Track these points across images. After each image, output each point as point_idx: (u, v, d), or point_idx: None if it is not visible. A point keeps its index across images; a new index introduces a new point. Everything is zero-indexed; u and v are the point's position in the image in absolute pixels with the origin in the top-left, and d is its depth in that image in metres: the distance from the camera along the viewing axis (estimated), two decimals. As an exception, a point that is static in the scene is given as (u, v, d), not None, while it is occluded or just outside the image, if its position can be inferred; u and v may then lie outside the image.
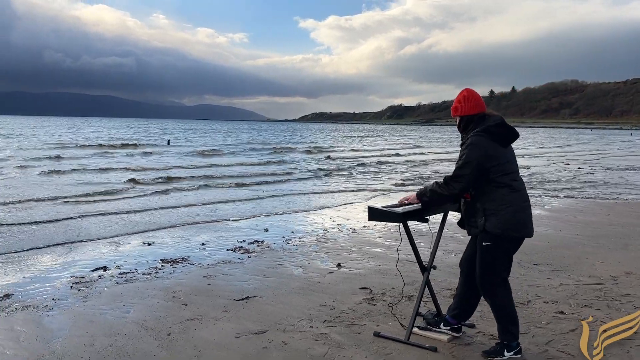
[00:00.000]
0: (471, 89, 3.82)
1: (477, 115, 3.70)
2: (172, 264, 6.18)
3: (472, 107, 3.72)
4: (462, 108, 3.75)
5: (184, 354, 3.75)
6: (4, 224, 8.39)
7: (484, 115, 3.71)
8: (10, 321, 4.38)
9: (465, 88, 3.83)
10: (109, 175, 16.44)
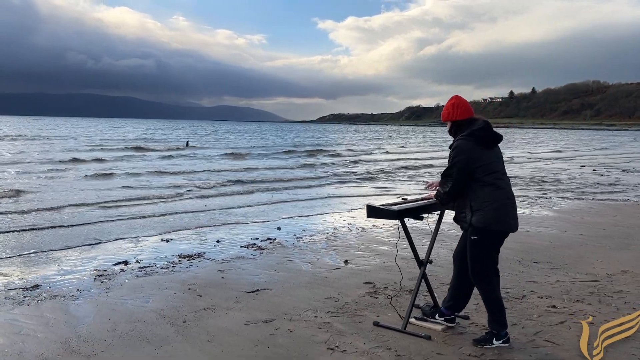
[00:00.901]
0: (460, 96, 4.12)
1: (466, 120, 4.00)
2: (188, 259, 6.55)
3: (461, 113, 4.02)
4: (452, 114, 4.06)
5: (197, 339, 4.10)
6: (34, 226, 8.85)
7: (471, 119, 4.01)
8: (40, 309, 4.78)
9: (454, 95, 4.13)
10: (161, 180, 16.42)
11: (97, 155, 25.16)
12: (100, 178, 16.28)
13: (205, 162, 24.25)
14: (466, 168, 3.83)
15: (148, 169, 19.43)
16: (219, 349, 3.92)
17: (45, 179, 15.68)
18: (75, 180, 15.66)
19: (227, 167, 21.18)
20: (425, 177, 19.19)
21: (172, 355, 3.81)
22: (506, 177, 4.01)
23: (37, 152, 26.69)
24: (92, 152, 27.71)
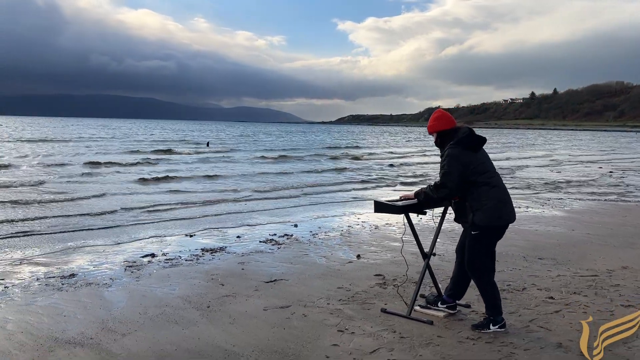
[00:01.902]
0: (442, 110, 4.58)
1: (450, 130, 4.39)
2: (211, 253, 7.00)
3: (445, 124, 4.43)
4: (436, 125, 4.46)
5: (220, 321, 4.53)
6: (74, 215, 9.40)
7: (455, 129, 4.40)
8: (77, 294, 5.25)
9: (438, 109, 4.61)
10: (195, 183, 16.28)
11: (145, 158, 25.47)
12: (152, 182, 16.23)
13: (248, 165, 23.93)
14: (460, 174, 4.20)
15: (197, 173, 19.28)
16: (239, 329, 4.34)
17: (86, 177, 16.35)
18: (126, 182, 16.05)
19: (266, 170, 21.00)
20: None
21: (198, 334, 4.24)
22: (497, 174, 4.38)
23: (79, 153, 27.24)
24: (138, 155, 27.97)
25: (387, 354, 3.88)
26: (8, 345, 4.00)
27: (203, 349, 3.95)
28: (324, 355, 3.84)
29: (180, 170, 19.99)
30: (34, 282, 5.63)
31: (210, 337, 4.18)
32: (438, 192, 4.30)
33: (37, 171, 18.09)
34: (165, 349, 3.95)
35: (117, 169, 19.78)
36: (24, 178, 15.80)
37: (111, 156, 25.86)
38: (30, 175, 16.83)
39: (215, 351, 3.92)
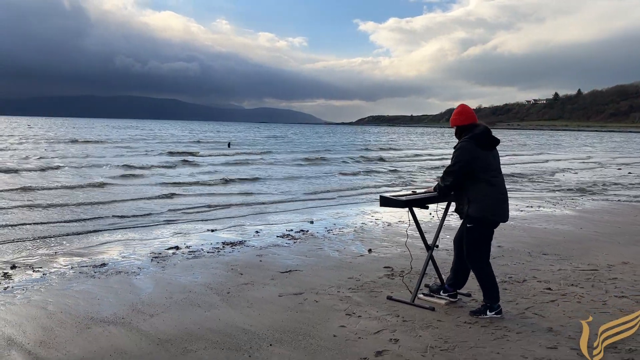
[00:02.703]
0: (465, 105, 4.85)
1: (470, 125, 4.72)
2: (231, 246, 7.45)
3: (465, 119, 4.75)
4: (458, 120, 4.79)
5: (239, 305, 4.95)
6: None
7: (474, 125, 4.73)
8: (109, 281, 5.73)
9: (461, 104, 4.86)
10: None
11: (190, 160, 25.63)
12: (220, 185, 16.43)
13: (287, 167, 23.77)
14: (467, 166, 4.55)
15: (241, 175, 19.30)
16: (256, 312, 4.76)
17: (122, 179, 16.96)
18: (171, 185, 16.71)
19: (298, 174, 20.76)
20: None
21: (218, 316, 4.67)
22: (501, 175, 4.72)
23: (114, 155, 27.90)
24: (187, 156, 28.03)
25: (389, 334, 4.26)
26: (50, 323, 4.48)
27: (223, 329, 4.37)
28: (332, 335, 4.24)
29: (235, 172, 20.21)
30: (69, 271, 6.12)
31: (229, 319, 4.60)
32: (444, 180, 4.67)
33: (80, 172, 18.80)
34: (189, 327, 4.39)
35: (163, 171, 20.22)
36: (66, 179, 16.48)
37: (157, 157, 26.68)
38: (74, 175, 17.53)
39: (234, 330, 4.34)
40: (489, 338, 4.21)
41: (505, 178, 4.84)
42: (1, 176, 16.43)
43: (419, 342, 4.12)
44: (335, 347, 4.00)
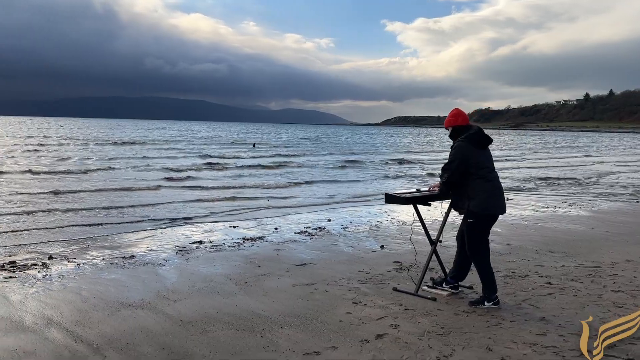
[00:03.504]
0: (459, 109, 5.22)
1: (463, 126, 5.07)
2: (251, 241, 7.89)
3: (460, 121, 5.11)
4: (453, 121, 5.15)
5: (255, 293, 5.37)
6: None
7: (468, 126, 5.08)
8: (137, 271, 6.21)
9: (455, 108, 5.25)
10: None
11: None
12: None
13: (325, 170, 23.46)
14: (463, 163, 4.90)
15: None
16: (270, 300, 5.18)
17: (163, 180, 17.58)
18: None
19: (340, 177, 20.50)
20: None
21: (236, 302, 5.10)
22: (495, 172, 5.05)
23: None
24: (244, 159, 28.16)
25: (391, 320, 4.63)
26: (84, 306, 4.96)
27: (239, 313, 4.79)
28: (338, 320, 4.62)
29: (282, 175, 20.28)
30: (101, 262, 6.63)
31: (245, 305, 5.02)
32: (442, 177, 5.03)
33: (123, 174, 19.56)
34: (209, 312, 4.82)
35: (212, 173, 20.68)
36: (108, 180, 17.21)
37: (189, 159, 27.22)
38: (117, 176, 18.28)
39: (249, 314, 4.76)
40: (483, 325, 4.54)
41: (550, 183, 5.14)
42: (69, 177, 17.24)
43: (418, 327, 4.47)
44: (340, 330, 4.39)
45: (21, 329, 4.39)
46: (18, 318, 4.61)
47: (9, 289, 5.43)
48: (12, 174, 17.27)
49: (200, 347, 4.05)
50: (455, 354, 3.94)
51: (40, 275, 5.94)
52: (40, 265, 6.41)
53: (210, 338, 4.23)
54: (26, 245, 7.60)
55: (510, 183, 17.94)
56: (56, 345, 4.05)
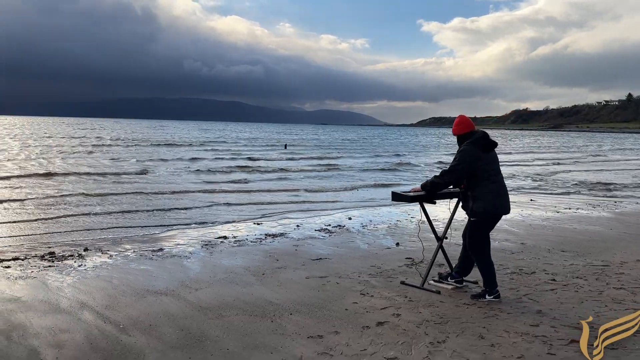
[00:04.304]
0: (463, 115, 5.46)
1: (469, 132, 5.33)
2: (272, 237, 8.30)
3: (464, 128, 5.37)
4: (458, 130, 5.40)
5: (270, 284, 5.76)
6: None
7: (472, 132, 5.33)
8: (164, 263, 6.68)
9: (460, 115, 5.50)
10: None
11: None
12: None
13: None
14: (469, 166, 5.16)
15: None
16: (284, 290, 5.56)
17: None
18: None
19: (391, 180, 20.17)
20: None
21: (252, 292, 5.49)
22: (500, 174, 5.30)
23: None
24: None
25: (394, 310, 4.95)
26: (114, 292, 5.43)
27: (254, 301, 5.19)
28: (344, 309, 4.97)
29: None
30: (131, 254, 7.13)
31: (260, 294, 5.42)
32: (444, 178, 5.27)
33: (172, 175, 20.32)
34: (226, 299, 5.23)
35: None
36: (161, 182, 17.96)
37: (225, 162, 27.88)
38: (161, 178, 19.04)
39: (262, 302, 5.15)
40: (480, 316, 4.82)
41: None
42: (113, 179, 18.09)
43: (418, 317, 4.78)
44: (344, 318, 4.73)
45: (58, 310, 4.87)
46: (55, 301, 5.11)
47: (48, 276, 5.96)
48: (60, 175, 18.14)
49: (215, 329, 4.45)
50: (448, 340, 4.24)
51: (76, 265, 6.46)
52: (76, 256, 6.94)
53: (225, 322, 4.63)
54: (65, 239, 8.18)
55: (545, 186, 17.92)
56: (87, 325, 4.51)
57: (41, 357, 3.87)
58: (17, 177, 16.23)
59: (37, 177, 16.61)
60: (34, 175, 16.96)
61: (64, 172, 18.52)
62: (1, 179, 15.89)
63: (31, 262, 6.55)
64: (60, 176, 17.27)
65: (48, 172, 18.01)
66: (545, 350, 4.06)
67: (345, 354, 3.96)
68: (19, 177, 16.36)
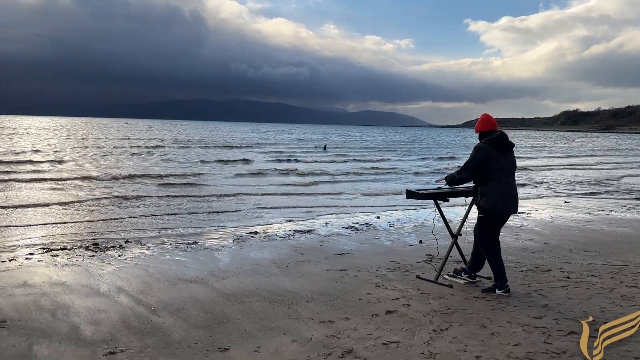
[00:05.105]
0: (488, 114, 5.67)
1: (489, 131, 5.55)
2: (300, 233, 8.69)
3: (486, 126, 5.58)
4: (480, 127, 5.63)
5: (292, 275, 6.14)
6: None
7: (492, 131, 5.55)
8: (196, 255, 7.16)
9: (484, 113, 5.70)
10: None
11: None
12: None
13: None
14: (481, 163, 5.40)
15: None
16: (304, 281, 5.93)
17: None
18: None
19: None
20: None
21: (274, 282, 5.89)
22: (511, 176, 5.49)
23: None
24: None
25: (405, 301, 5.24)
26: (149, 279, 5.92)
27: (275, 290, 5.58)
28: (357, 298, 5.30)
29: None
30: (168, 246, 7.65)
31: (282, 284, 5.81)
32: (461, 174, 5.54)
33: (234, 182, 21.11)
34: (249, 288, 5.64)
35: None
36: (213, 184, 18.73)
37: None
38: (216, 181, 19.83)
39: (283, 291, 5.53)
40: (487, 308, 5.06)
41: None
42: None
43: (427, 307, 5.06)
44: (356, 306, 5.06)
45: (97, 294, 5.39)
46: (96, 286, 5.63)
47: (91, 264, 6.51)
48: (105, 179, 19.07)
49: (236, 313, 4.86)
50: (451, 328, 4.52)
51: (117, 255, 7.01)
52: (117, 247, 7.50)
53: (246, 307, 5.03)
54: (109, 233, 8.80)
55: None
56: (122, 307, 4.99)
57: (80, 332, 4.36)
58: (82, 179, 16.74)
59: (94, 180, 17.37)
60: (92, 178, 17.80)
61: (110, 174, 19.43)
62: (73, 179, 16.89)
63: (77, 252, 7.14)
64: (103, 180, 18.16)
65: (98, 174, 18.87)
66: (543, 339, 4.28)
67: (352, 337, 4.29)
68: (84, 178, 16.79)
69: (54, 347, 4.04)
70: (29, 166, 20.64)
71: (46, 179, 16.41)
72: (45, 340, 4.17)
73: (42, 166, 20.77)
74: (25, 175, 17.43)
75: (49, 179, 16.33)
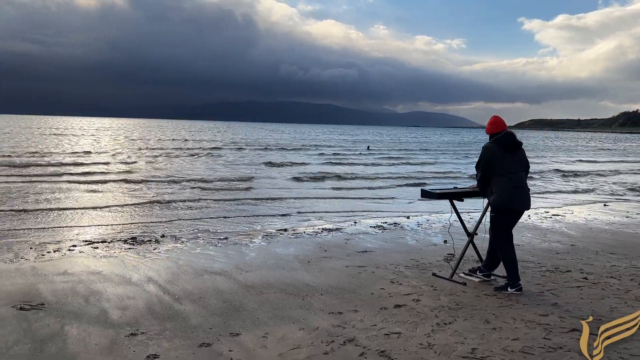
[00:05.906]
0: (497, 116, 5.81)
1: (498, 132, 5.68)
2: (328, 231, 8.96)
3: (495, 128, 5.72)
4: (489, 129, 5.77)
5: (312, 270, 6.42)
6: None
7: (502, 132, 5.68)
8: (225, 249, 7.53)
9: (494, 115, 5.84)
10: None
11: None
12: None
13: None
14: (488, 162, 5.54)
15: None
16: (323, 275, 6.19)
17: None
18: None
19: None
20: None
21: (294, 275, 6.18)
22: (520, 173, 5.60)
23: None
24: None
25: (416, 296, 5.43)
26: (177, 270, 6.32)
27: (293, 283, 5.87)
28: (370, 293, 5.52)
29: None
30: (200, 241, 8.06)
31: (301, 277, 6.09)
32: (477, 176, 5.72)
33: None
34: (269, 280, 5.95)
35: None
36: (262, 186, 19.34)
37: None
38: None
39: (300, 284, 5.81)
40: (495, 305, 5.18)
41: None
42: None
43: (436, 303, 5.23)
44: (367, 300, 5.29)
45: (129, 282, 5.82)
46: (128, 276, 6.07)
47: (127, 256, 6.98)
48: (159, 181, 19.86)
49: (252, 302, 5.18)
50: (455, 322, 4.68)
51: (152, 248, 7.47)
52: (153, 241, 7.97)
53: (263, 297, 5.34)
54: (148, 227, 9.31)
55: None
56: (150, 295, 5.39)
57: (108, 315, 4.77)
58: (141, 182, 17.46)
59: (148, 181, 18.13)
60: (151, 179, 18.62)
61: (169, 176, 20.22)
62: (138, 182, 17.76)
63: (115, 245, 7.64)
64: (157, 182, 18.93)
65: (152, 176, 19.55)
66: (543, 335, 4.39)
67: (357, 327, 4.53)
68: (142, 181, 17.27)
69: (83, 328, 4.45)
70: (93, 167, 21.66)
71: (95, 181, 17.17)
72: (76, 321, 4.60)
73: (95, 168, 21.74)
74: (82, 177, 18.41)
75: (97, 181, 17.12)
